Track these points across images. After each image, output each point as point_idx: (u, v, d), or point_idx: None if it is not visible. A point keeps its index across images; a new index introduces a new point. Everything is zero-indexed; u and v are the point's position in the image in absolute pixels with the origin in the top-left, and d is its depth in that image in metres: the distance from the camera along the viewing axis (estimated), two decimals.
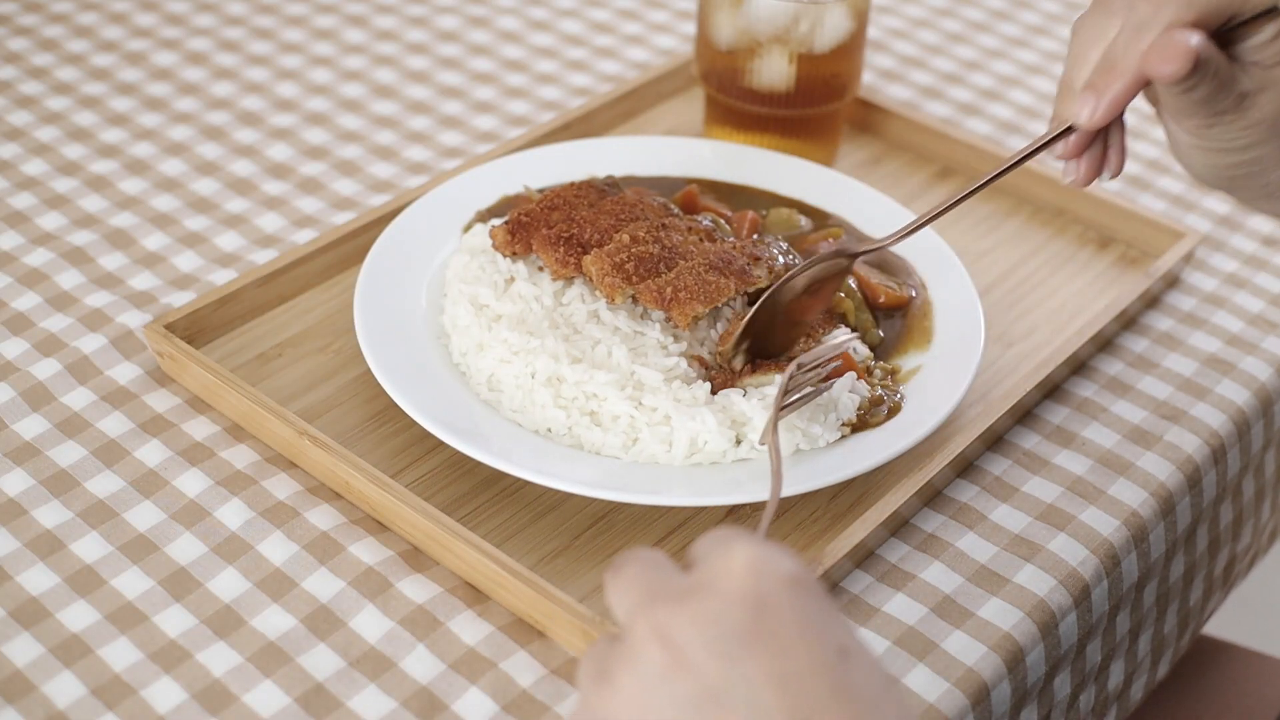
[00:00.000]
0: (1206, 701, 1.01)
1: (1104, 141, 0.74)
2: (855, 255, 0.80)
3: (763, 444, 0.75)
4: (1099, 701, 0.82)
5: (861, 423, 0.80)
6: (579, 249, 0.83)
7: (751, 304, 0.84)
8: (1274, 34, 0.67)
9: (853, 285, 0.87)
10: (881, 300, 0.87)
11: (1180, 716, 0.99)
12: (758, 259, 0.84)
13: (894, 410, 0.81)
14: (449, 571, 0.75)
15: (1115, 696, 0.84)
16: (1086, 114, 0.70)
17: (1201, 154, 0.71)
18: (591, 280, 0.82)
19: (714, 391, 0.79)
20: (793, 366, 0.74)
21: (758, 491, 0.75)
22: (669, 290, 0.80)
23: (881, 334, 0.86)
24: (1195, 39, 0.65)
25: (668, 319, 0.82)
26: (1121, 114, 0.73)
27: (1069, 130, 0.73)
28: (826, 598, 0.52)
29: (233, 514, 0.77)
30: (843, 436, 0.79)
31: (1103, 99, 0.69)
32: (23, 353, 0.86)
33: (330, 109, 1.11)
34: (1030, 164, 1.02)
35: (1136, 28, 0.67)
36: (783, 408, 0.74)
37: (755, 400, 0.78)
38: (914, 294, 0.88)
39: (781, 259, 0.86)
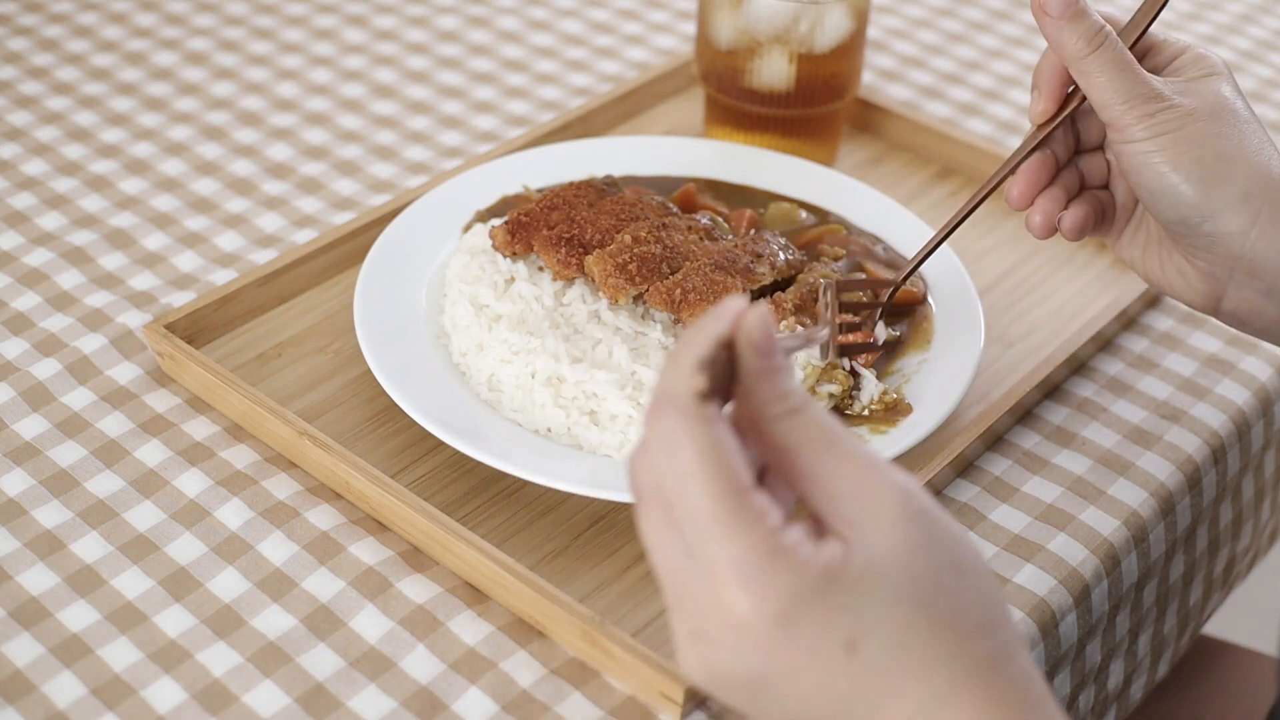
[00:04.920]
0: (1206, 701, 1.01)
1: (1065, 194, 0.78)
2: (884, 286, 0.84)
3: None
4: (1098, 701, 0.82)
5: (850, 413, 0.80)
6: (580, 249, 0.83)
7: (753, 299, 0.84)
8: (1188, 60, 0.74)
9: None
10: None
11: (1180, 716, 0.99)
12: (760, 256, 0.84)
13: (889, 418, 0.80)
14: (449, 571, 0.75)
15: (1115, 696, 0.84)
16: (1032, 107, 0.76)
17: (1152, 168, 0.72)
18: (594, 281, 0.82)
19: None
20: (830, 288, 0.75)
21: None
22: (678, 292, 0.80)
23: (896, 332, 0.86)
24: None
25: (676, 320, 0.82)
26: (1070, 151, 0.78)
27: (1037, 144, 0.77)
28: (852, 579, 0.49)
29: (233, 514, 0.77)
30: None
31: (1040, 87, 0.76)
32: (23, 353, 0.86)
33: (330, 109, 1.11)
34: None
35: None
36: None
37: None
38: (925, 292, 0.88)
39: (782, 255, 0.86)
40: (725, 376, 0.51)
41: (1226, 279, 0.73)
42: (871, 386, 0.80)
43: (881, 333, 0.78)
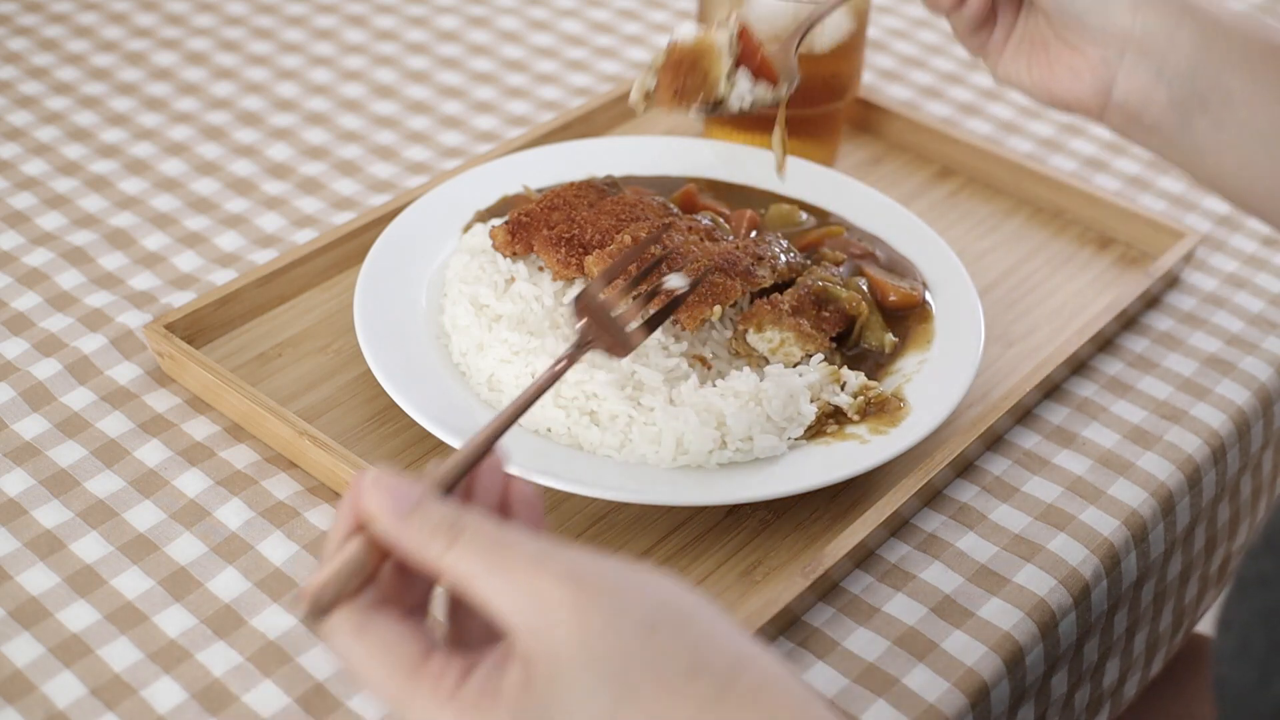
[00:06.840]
0: (1199, 698, 1.01)
1: None
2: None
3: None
4: (1094, 699, 0.82)
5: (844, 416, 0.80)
6: (580, 250, 0.83)
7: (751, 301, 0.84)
8: None
9: (864, 287, 0.87)
10: (891, 299, 0.87)
11: (1172, 713, 1.00)
12: (761, 258, 0.84)
13: (888, 412, 0.81)
14: None
15: (1110, 694, 0.84)
16: None
17: None
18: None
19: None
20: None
21: (759, 490, 0.75)
22: None
23: (894, 338, 0.86)
24: None
25: (674, 321, 0.82)
26: None
27: None
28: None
29: (233, 514, 0.77)
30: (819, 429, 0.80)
31: None
32: (23, 353, 0.86)
33: (330, 109, 1.11)
34: (1030, 164, 1.02)
35: None
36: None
37: (731, 398, 0.78)
38: (924, 294, 0.88)
39: (784, 258, 0.86)
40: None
41: (1117, 63, 0.75)
42: (853, 380, 0.81)
43: (678, 281, 0.75)
